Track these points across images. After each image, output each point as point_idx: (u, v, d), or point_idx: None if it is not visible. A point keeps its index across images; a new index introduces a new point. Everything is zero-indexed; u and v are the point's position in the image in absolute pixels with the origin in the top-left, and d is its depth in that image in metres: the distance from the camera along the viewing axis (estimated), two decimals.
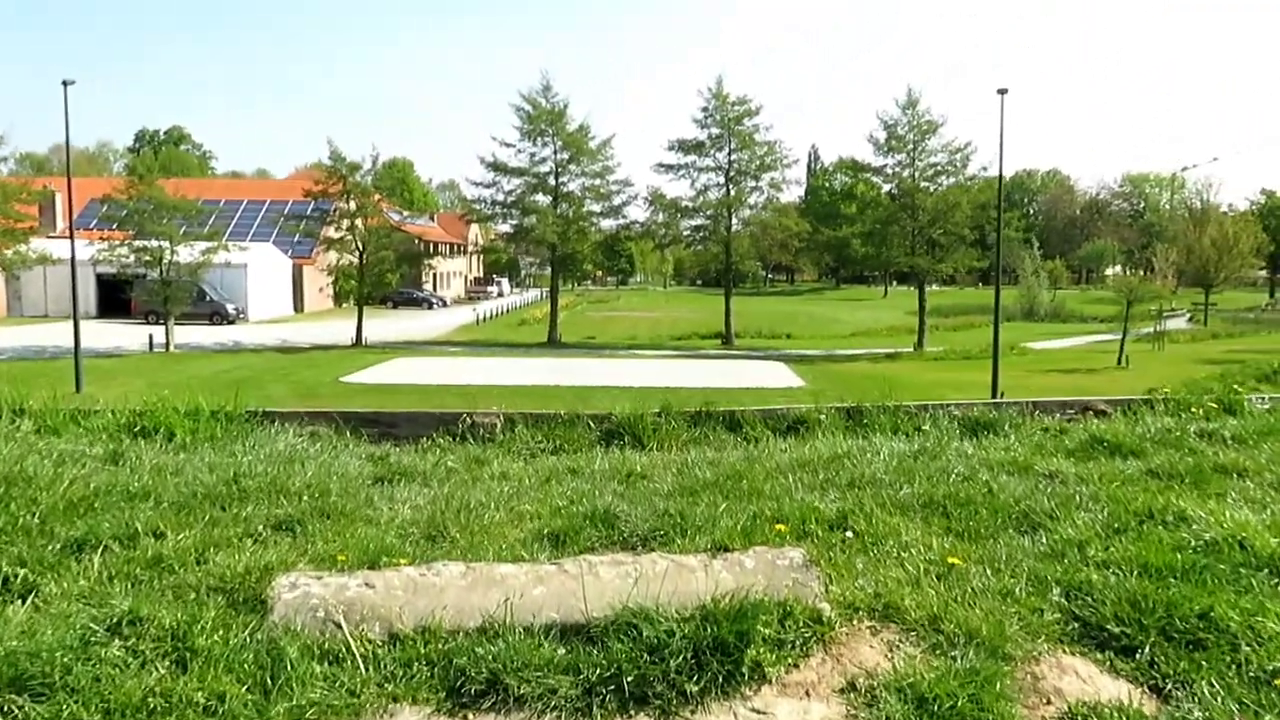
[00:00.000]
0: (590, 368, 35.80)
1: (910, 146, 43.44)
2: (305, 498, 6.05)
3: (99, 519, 5.35)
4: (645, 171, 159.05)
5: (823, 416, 10.24)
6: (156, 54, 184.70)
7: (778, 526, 5.26)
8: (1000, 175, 31.74)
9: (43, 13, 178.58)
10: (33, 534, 5.10)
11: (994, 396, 27.75)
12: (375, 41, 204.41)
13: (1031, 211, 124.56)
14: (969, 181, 43.13)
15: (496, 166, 46.65)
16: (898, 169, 44.30)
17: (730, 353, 44.10)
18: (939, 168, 43.71)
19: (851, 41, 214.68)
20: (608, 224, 50.77)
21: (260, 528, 5.40)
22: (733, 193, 47.76)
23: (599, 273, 51.56)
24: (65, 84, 26.72)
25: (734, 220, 47.91)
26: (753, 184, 48.76)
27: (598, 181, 47.74)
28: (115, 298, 53.73)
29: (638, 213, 50.08)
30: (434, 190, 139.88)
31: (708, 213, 48.07)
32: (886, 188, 47.76)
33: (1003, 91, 28.21)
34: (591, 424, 10.10)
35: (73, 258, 27.93)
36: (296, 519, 5.55)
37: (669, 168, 47.88)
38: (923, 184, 43.02)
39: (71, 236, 28.03)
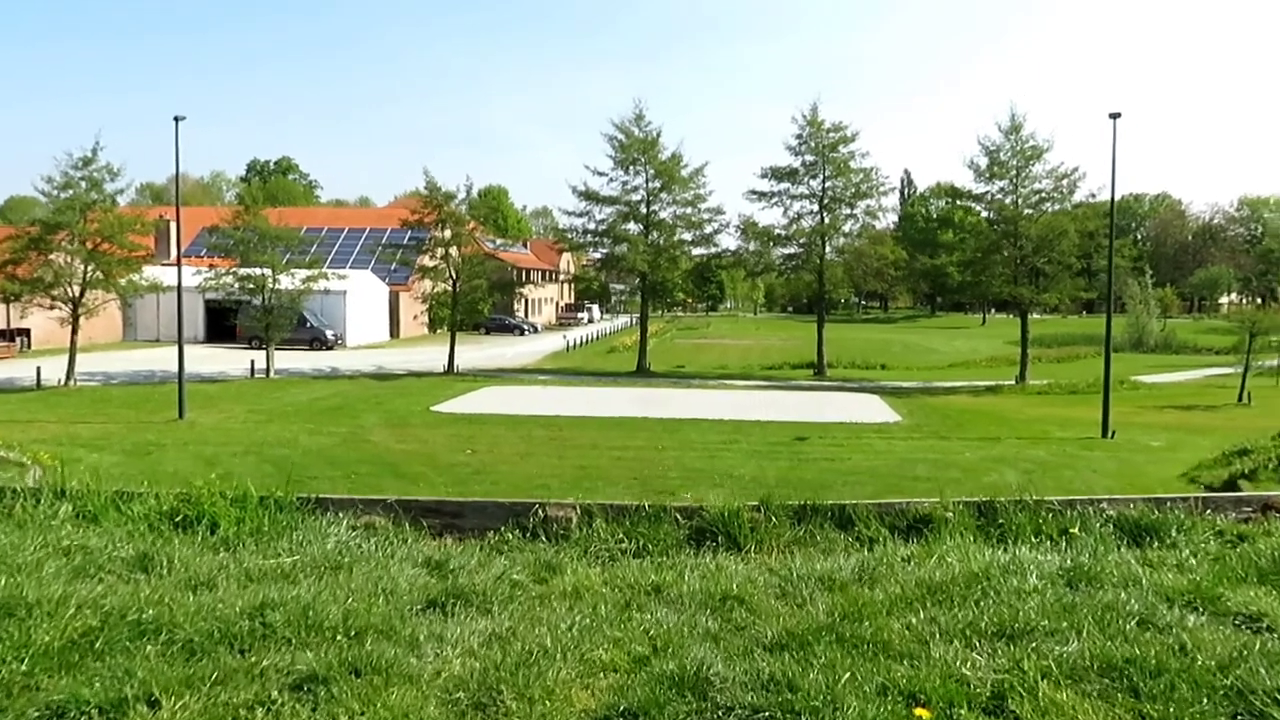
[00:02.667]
0: (678, 398, 35.40)
1: (1013, 172, 41.91)
2: (340, 636, 5.14)
3: (91, 672, 4.58)
4: (737, 199, 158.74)
5: (949, 514, 8.89)
6: (269, 88, 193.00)
7: (917, 712, 4.22)
8: (1112, 201, 30.28)
9: (163, 48, 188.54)
10: (13, 692, 4.38)
11: (1104, 434, 26.34)
12: (473, 71, 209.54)
13: (1140, 237, 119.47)
14: (1075, 209, 41.36)
15: (589, 195, 46.85)
16: (999, 196, 42.79)
17: (822, 384, 43.10)
18: (1044, 194, 42.07)
19: (945, 60, 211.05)
20: (699, 252, 50.46)
21: (276, 692, 4.45)
22: (827, 220, 46.89)
23: (689, 299, 51.19)
24: (177, 119, 27.73)
25: (828, 248, 46.99)
26: (847, 211, 47.86)
27: (689, 210, 47.50)
28: (222, 323, 55.72)
29: (729, 241, 49.69)
30: (527, 217, 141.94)
31: (801, 241, 47.27)
32: (985, 214, 46.23)
33: (1115, 115, 26.90)
34: (679, 518, 8.98)
35: (179, 291, 28.87)
36: (322, 676, 4.58)
37: (761, 195, 47.36)
38: (1026, 211, 41.42)
39: (179, 269, 29.00)
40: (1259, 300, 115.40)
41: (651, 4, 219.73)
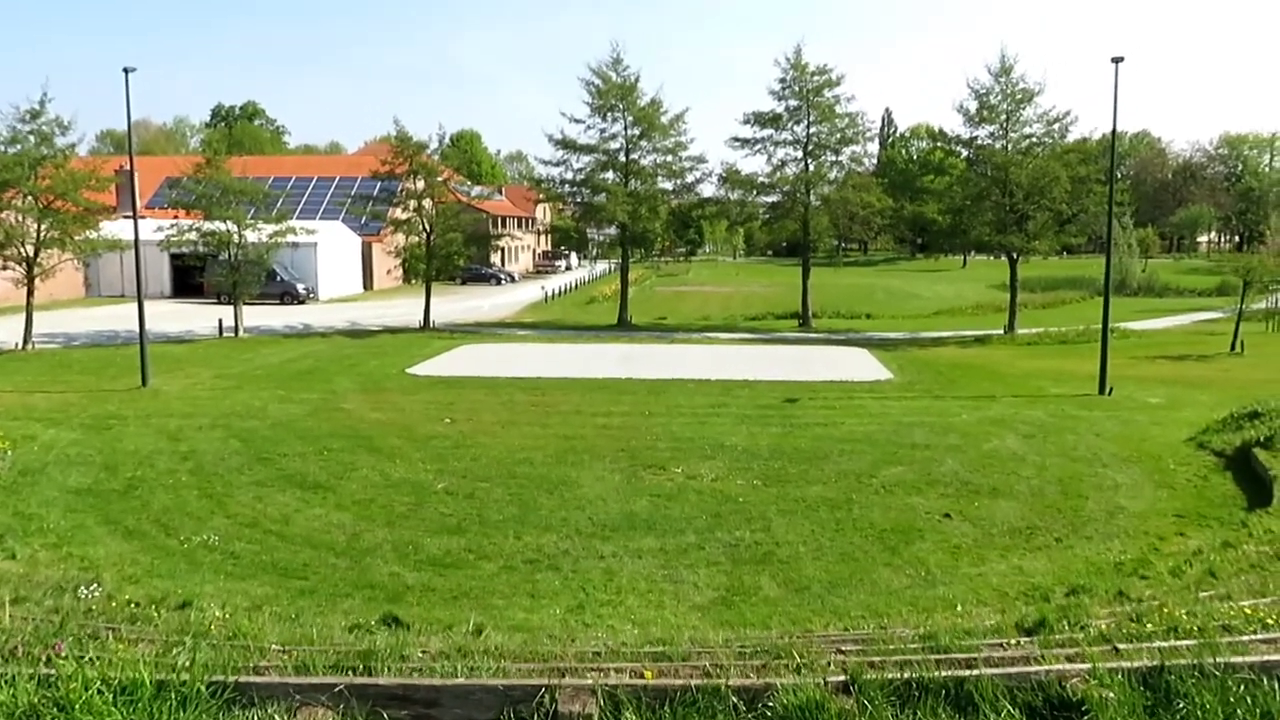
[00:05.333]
0: (662, 355, 34.45)
1: (1003, 117, 40.66)
2: None
3: None
4: (718, 142, 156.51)
5: (1109, 694, 6.08)
6: (234, 30, 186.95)
7: None
8: (1113, 148, 29.48)
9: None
10: None
11: (1102, 390, 25.69)
12: (442, 5, 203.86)
13: (1119, 175, 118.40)
14: (1065, 153, 40.22)
15: (565, 144, 45.20)
16: (989, 141, 41.57)
17: (809, 336, 42.25)
18: (1034, 139, 40.88)
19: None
20: (680, 201, 49.06)
21: None
22: (811, 168, 45.55)
23: (668, 245, 50.11)
24: (126, 71, 25.99)
25: (812, 196, 45.73)
26: (832, 158, 46.47)
27: (670, 158, 45.98)
28: (189, 278, 54.01)
29: (710, 189, 48.28)
30: (501, 163, 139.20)
31: (785, 189, 45.94)
32: (969, 156, 44.96)
33: (1118, 60, 25.70)
34: (739, 707, 6.19)
35: (136, 252, 27.35)
36: None
37: (744, 142, 45.83)
38: (1016, 156, 40.25)
39: (136, 232, 27.43)
40: (1236, 240, 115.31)
41: None
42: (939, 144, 63.81)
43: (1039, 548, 13.52)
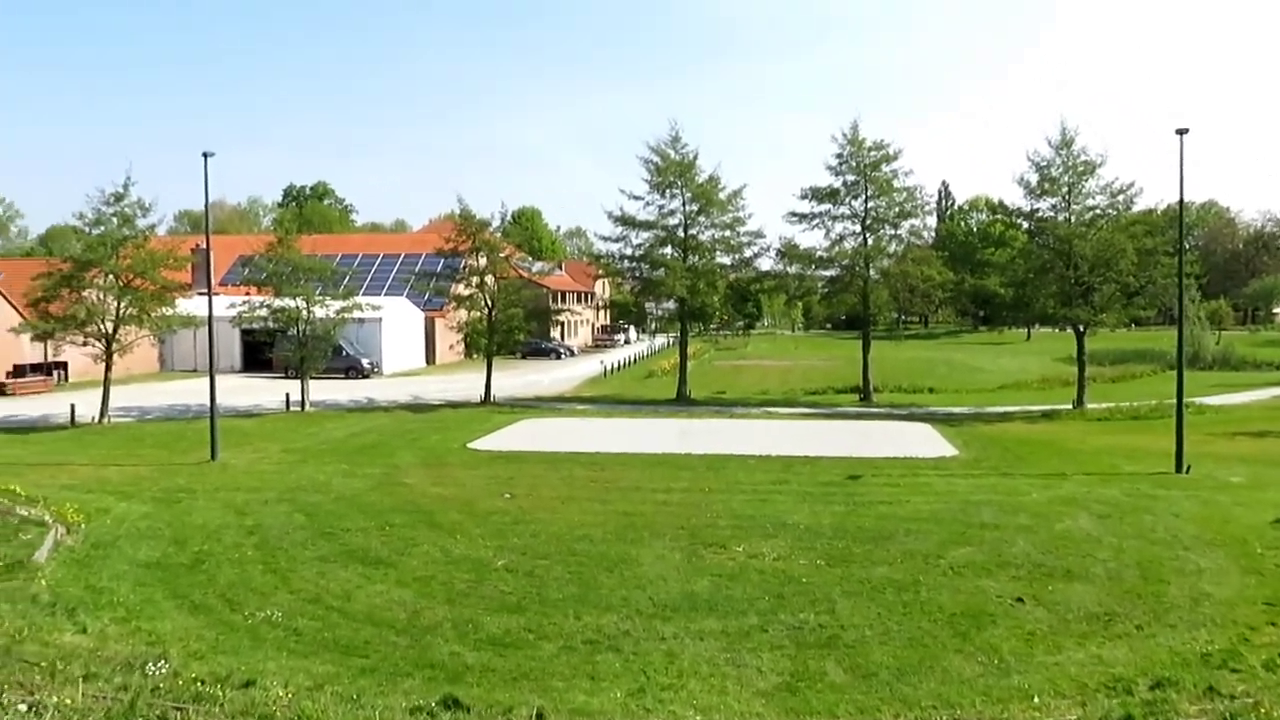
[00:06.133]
0: (722, 430, 34.24)
1: (1065, 189, 40.33)
2: None
3: None
4: (772, 211, 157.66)
5: None
6: (305, 113, 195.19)
7: None
8: (1180, 219, 28.92)
9: (203, 76, 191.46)
10: None
11: (1179, 468, 24.81)
12: (503, 90, 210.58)
13: (1187, 246, 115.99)
14: (1130, 225, 39.62)
15: (625, 220, 45.88)
16: (1051, 213, 41.16)
17: (870, 410, 41.69)
18: (1098, 210, 40.38)
19: (980, 67, 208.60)
20: (738, 276, 49.27)
21: None
22: (870, 242, 45.53)
23: (726, 319, 50.25)
24: (205, 156, 27.20)
25: (871, 270, 45.61)
26: (891, 232, 46.43)
27: (728, 233, 46.35)
28: (259, 353, 55.50)
29: (769, 263, 48.42)
30: (561, 238, 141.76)
31: (843, 263, 45.90)
32: (1029, 228, 44.47)
33: (1182, 131, 25.45)
34: None
35: (210, 328, 28.24)
36: None
37: (801, 217, 46.03)
38: (1080, 228, 39.74)
39: (210, 308, 28.33)
40: None
41: (678, 21, 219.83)
42: (999, 216, 63.44)
43: (1119, 635, 12.92)
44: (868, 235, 45.49)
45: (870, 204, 45.17)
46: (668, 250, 46.16)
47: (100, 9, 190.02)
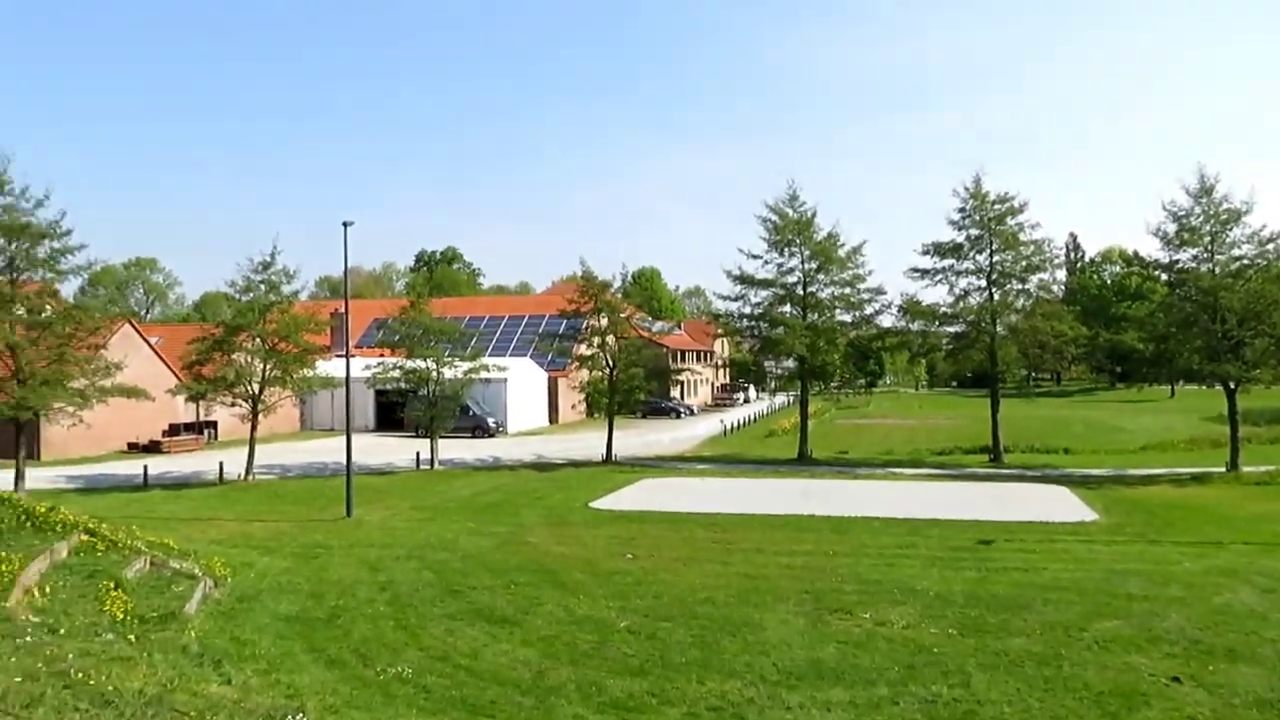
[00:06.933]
0: (845, 491, 33.51)
1: (1207, 239, 38.37)
2: None
3: None
4: (892, 266, 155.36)
5: None
6: (436, 181, 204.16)
7: None
8: None
9: (338, 150, 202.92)
10: None
11: None
12: (620, 152, 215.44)
13: None
14: None
15: (743, 279, 46.02)
16: (1193, 264, 39.15)
17: (1000, 472, 40.12)
18: (1246, 260, 38.17)
19: (1103, 115, 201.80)
20: (859, 333, 48.57)
21: None
22: (996, 297, 44.24)
23: (847, 377, 49.37)
24: (345, 225, 28.73)
25: (999, 326, 44.22)
26: (1019, 286, 45.00)
27: (848, 290, 45.88)
28: (391, 413, 57.62)
29: (891, 319, 47.57)
30: (680, 297, 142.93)
31: (969, 319, 44.67)
32: (1167, 280, 42.32)
33: None
34: None
35: (347, 390, 29.53)
36: None
37: (924, 272, 45.14)
38: (1225, 280, 37.62)
39: (348, 371, 29.69)
40: None
41: (788, 80, 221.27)
42: (1134, 268, 60.66)
43: None
44: (994, 290, 44.24)
45: (996, 258, 43.97)
46: (787, 308, 45.97)
47: (251, 91, 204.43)
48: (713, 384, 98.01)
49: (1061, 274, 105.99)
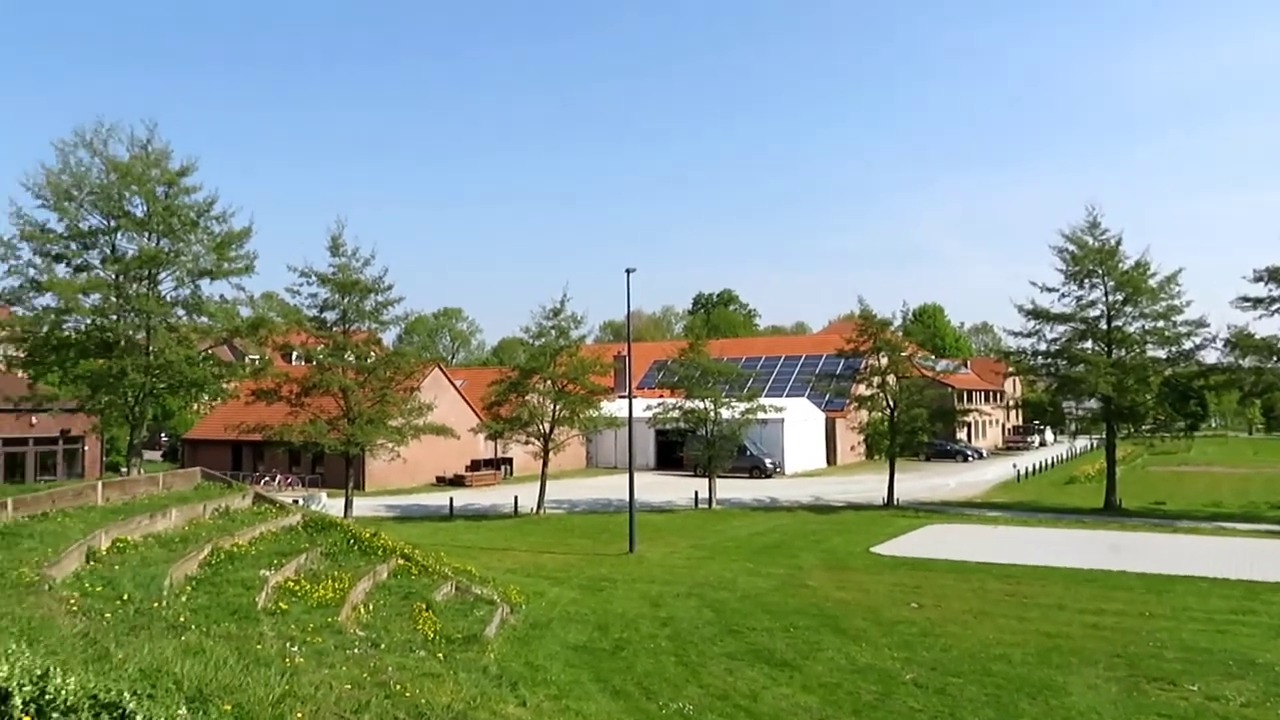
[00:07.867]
0: (1162, 546, 30.08)
1: None
2: None
3: None
4: (1219, 305, 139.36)
5: None
6: (713, 227, 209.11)
7: None
8: None
9: (616, 205, 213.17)
10: None
11: None
12: (896, 190, 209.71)
13: None
14: None
15: (1037, 314, 42.97)
16: None
17: None
18: None
19: None
20: (1176, 370, 43.66)
21: None
22: None
23: (1163, 420, 44.13)
24: (628, 271, 30.06)
25: None
26: None
27: (1161, 324, 41.47)
28: (671, 451, 59.18)
29: (1216, 354, 42.34)
30: (965, 335, 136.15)
31: None
32: None
33: None
34: None
35: (630, 429, 30.64)
36: None
37: (1256, 301, 39.84)
38: None
39: (630, 411, 30.87)
40: None
41: (1078, 102, 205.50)
42: None
43: None
44: None
45: None
46: (1088, 344, 42.34)
47: (530, 153, 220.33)
48: (1003, 426, 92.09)
49: None
